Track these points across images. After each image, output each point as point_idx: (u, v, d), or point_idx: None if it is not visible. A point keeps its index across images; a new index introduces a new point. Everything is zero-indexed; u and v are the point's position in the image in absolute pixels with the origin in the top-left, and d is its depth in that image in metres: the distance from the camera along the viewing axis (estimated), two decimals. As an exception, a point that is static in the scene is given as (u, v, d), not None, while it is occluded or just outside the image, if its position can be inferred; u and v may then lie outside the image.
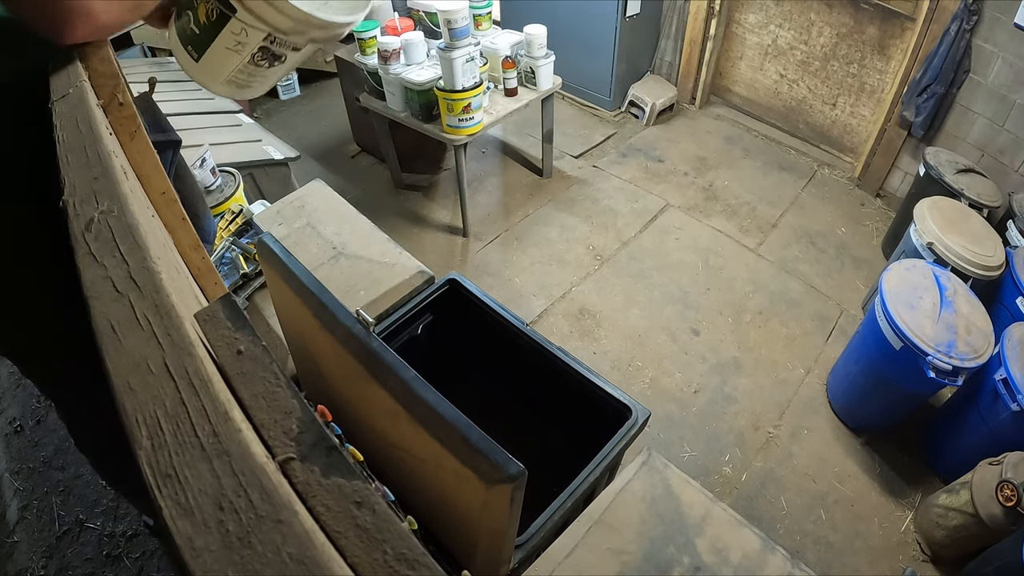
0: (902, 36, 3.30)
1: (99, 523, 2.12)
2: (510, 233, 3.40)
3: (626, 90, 4.34)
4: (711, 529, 1.26)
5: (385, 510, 0.43)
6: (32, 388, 2.60)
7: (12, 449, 2.39)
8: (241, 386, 0.52)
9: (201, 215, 1.64)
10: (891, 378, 2.20)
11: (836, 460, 2.40)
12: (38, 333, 1.17)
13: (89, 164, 0.67)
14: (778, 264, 3.24)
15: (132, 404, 0.45)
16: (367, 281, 1.84)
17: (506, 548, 0.92)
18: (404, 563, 0.40)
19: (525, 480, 0.73)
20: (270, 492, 0.40)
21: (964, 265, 2.41)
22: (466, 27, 2.74)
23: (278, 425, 0.49)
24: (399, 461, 0.95)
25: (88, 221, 0.60)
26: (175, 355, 0.49)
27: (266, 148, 3.03)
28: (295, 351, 1.34)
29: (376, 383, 0.83)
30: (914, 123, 3.17)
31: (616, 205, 3.59)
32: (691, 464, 2.38)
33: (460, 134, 2.93)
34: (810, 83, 3.90)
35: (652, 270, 3.19)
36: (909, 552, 2.14)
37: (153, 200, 1.02)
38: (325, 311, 0.89)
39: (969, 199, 2.75)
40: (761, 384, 2.67)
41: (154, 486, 0.40)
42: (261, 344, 0.56)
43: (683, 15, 4.08)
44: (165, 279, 0.56)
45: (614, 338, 2.84)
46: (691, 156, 4.01)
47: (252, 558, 0.37)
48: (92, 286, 0.55)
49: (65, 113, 0.74)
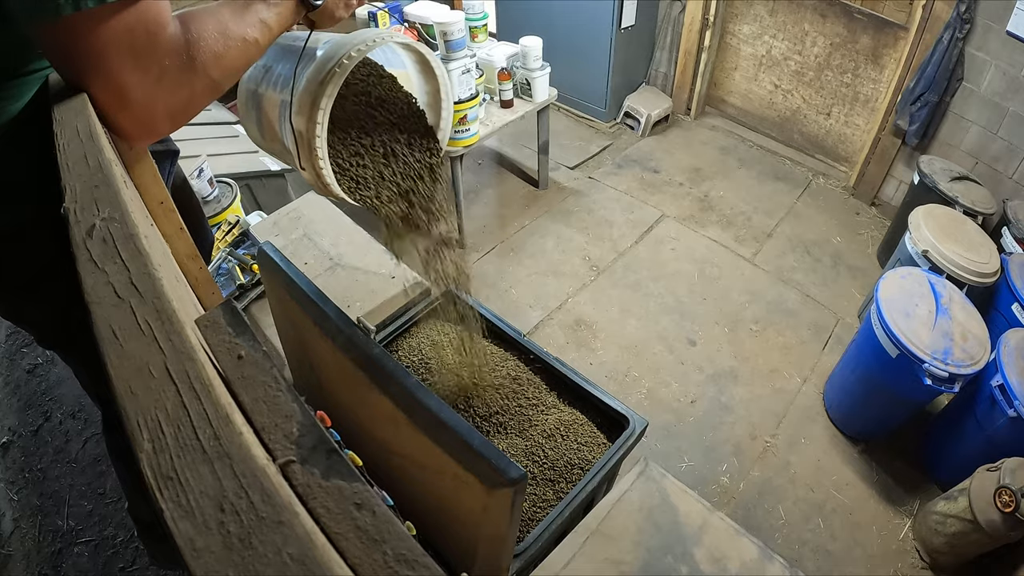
0: (895, 45, 3.33)
1: (94, 533, 2.11)
2: (506, 244, 3.41)
3: (621, 101, 4.37)
4: (709, 539, 1.26)
5: (385, 511, 0.44)
6: (27, 398, 2.59)
7: (7, 460, 2.38)
8: (242, 390, 0.52)
9: (199, 226, 1.65)
10: (888, 386, 2.21)
11: (834, 469, 2.40)
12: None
13: (90, 172, 0.68)
14: (774, 274, 3.25)
15: (133, 408, 0.45)
16: (364, 292, 1.84)
17: (505, 555, 0.92)
18: (404, 564, 0.40)
19: (526, 484, 0.74)
20: (271, 494, 0.40)
21: (959, 272, 2.42)
22: (462, 39, 2.75)
23: (278, 428, 0.49)
24: (398, 468, 0.95)
25: (89, 228, 0.61)
26: (176, 360, 0.49)
27: (263, 159, 3.04)
28: (292, 360, 1.34)
29: (377, 389, 0.83)
30: (908, 132, 3.19)
31: (612, 216, 3.61)
32: (688, 474, 2.37)
33: (456, 145, 2.94)
34: (804, 93, 3.93)
35: (648, 281, 3.19)
36: (908, 560, 2.14)
37: (151, 210, 1.02)
38: (326, 318, 0.89)
39: (964, 207, 2.76)
40: (758, 394, 2.67)
41: (155, 488, 0.40)
42: (261, 349, 0.56)
43: (678, 26, 4.11)
44: (166, 285, 0.56)
45: (610, 349, 2.84)
46: (686, 167, 4.03)
47: (253, 559, 0.37)
48: (93, 291, 0.55)
49: (66, 121, 0.75)
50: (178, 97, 0.84)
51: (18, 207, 0.99)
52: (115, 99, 0.79)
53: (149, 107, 0.82)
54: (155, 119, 0.84)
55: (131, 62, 0.77)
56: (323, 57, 1.03)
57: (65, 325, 1.09)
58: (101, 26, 0.73)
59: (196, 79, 0.85)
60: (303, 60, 1.05)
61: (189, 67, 0.83)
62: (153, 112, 0.83)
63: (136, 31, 0.76)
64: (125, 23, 0.75)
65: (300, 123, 1.03)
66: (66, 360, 1.55)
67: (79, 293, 0.56)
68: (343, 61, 1.01)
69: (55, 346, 1.37)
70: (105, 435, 1.71)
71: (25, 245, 1.02)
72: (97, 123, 0.76)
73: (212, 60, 0.85)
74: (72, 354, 1.35)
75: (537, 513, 1.45)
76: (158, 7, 0.78)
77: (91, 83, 0.78)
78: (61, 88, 0.83)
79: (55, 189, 0.68)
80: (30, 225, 0.99)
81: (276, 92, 1.10)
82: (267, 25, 0.91)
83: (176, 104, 0.85)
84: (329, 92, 1.01)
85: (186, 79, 0.83)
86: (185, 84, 0.84)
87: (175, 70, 0.82)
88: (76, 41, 0.74)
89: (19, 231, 1.00)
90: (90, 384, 1.49)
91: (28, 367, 2.74)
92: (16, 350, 2.83)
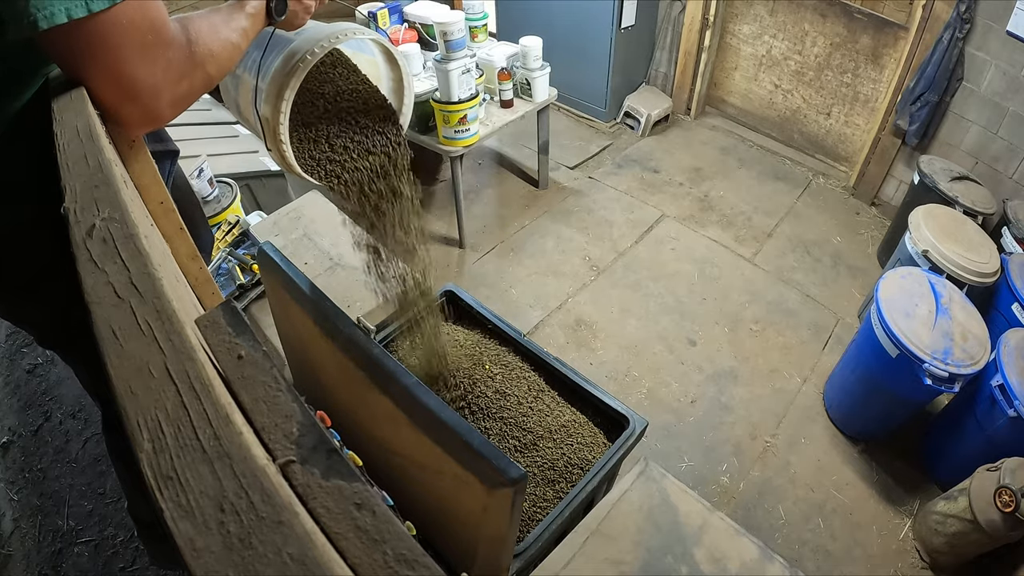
0: (895, 45, 3.33)
1: (94, 533, 2.11)
2: (506, 244, 3.41)
3: (621, 101, 4.37)
4: (709, 538, 1.26)
5: (385, 511, 0.44)
6: (27, 398, 2.59)
7: (7, 460, 2.38)
8: (242, 390, 0.52)
9: (198, 225, 1.65)
10: (888, 386, 2.21)
11: (834, 468, 2.40)
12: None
13: (90, 172, 0.68)
14: (774, 274, 3.25)
15: (133, 408, 0.45)
16: (363, 292, 1.84)
17: (505, 555, 0.92)
18: (404, 564, 0.40)
19: (526, 484, 0.74)
20: (271, 494, 0.40)
21: (959, 272, 2.42)
22: (462, 39, 2.75)
23: (278, 428, 0.49)
24: (398, 468, 0.95)
25: (89, 228, 0.61)
26: (176, 359, 0.49)
27: (263, 159, 3.04)
28: (292, 361, 1.34)
29: (377, 389, 0.83)
30: (908, 132, 3.19)
31: (612, 216, 3.61)
32: (688, 474, 2.37)
33: (456, 145, 2.94)
34: (804, 93, 3.93)
35: (648, 280, 3.19)
36: (908, 560, 2.14)
37: (151, 210, 1.02)
38: (326, 319, 0.89)
39: (964, 206, 2.76)
40: (758, 394, 2.67)
41: (155, 488, 0.40)
42: (261, 349, 0.56)
43: (678, 26, 4.11)
44: (166, 285, 0.56)
45: (611, 349, 2.84)
46: (686, 167, 4.03)
47: (253, 559, 0.37)
48: (93, 291, 0.55)
49: (66, 122, 0.75)
50: (180, 88, 0.91)
51: (18, 207, 0.99)
52: (124, 92, 0.85)
53: (156, 97, 0.88)
54: (160, 108, 0.90)
55: (140, 56, 0.83)
56: (289, 51, 1.12)
57: (65, 325, 1.09)
58: (111, 25, 0.79)
59: (196, 72, 0.93)
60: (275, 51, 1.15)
61: (190, 60, 0.92)
62: (159, 102, 0.89)
63: (143, 28, 0.82)
64: (133, 21, 0.81)
65: (267, 111, 1.14)
66: (66, 360, 1.55)
67: (79, 293, 0.56)
68: (307, 56, 1.11)
69: (55, 346, 1.38)
70: (105, 435, 1.71)
71: (25, 245, 1.03)
72: (97, 123, 0.76)
73: (208, 56, 0.94)
74: (72, 354, 1.36)
75: (537, 513, 1.45)
76: (158, 6, 0.84)
77: (100, 78, 0.83)
78: (61, 88, 0.84)
79: (55, 189, 0.68)
80: (30, 225, 0.99)
81: (251, 77, 1.18)
82: (246, 32, 1.03)
83: (178, 94, 0.92)
84: (292, 84, 1.10)
85: (187, 70, 0.92)
86: (186, 75, 0.92)
87: (178, 62, 0.89)
88: (86, 40, 0.78)
89: (19, 231, 1.00)
90: (90, 384, 1.49)
91: (28, 367, 2.74)
92: (16, 350, 2.83)
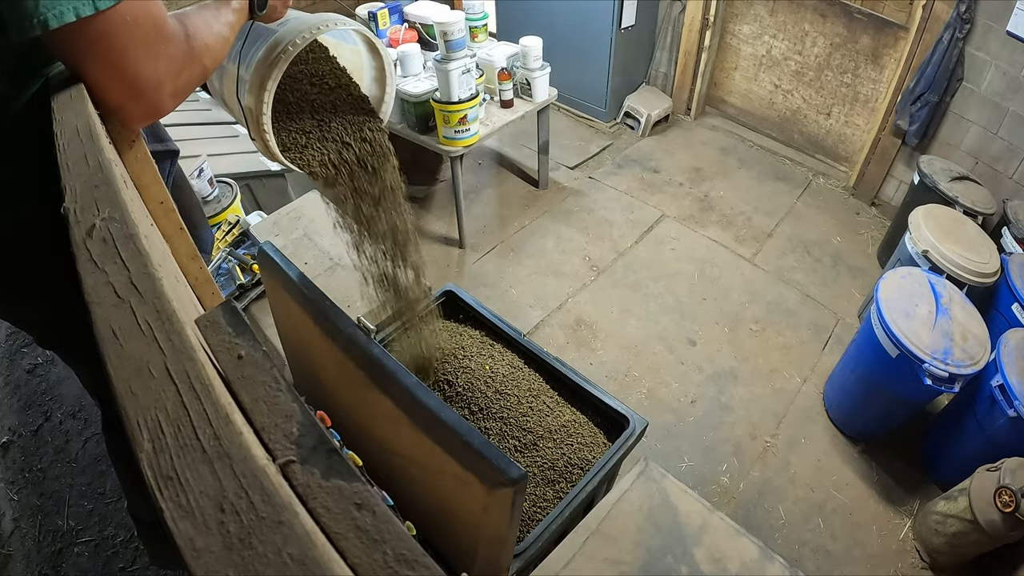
0: (895, 45, 3.33)
1: (94, 533, 2.11)
2: (506, 244, 3.41)
3: (621, 101, 4.37)
4: (709, 538, 1.26)
5: (385, 511, 0.43)
6: (27, 398, 2.59)
7: (7, 460, 2.38)
8: (242, 390, 0.52)
9: (199, 225, 1.65)
10: (888, 386, 2.21)
11: (834, 469, 2.40)
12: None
13: (90, 172, 0.67)
14: (774, 274, 3.25)
15: (133, 408, 0.45)
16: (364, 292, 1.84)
17: (505, 555, 0.92)
18: (404, 564, 0.40)
19: (526, 484, 0.74)
20: (271, 494, 0.40)
21: (959, 272, 2.42)
22: (462, 39, 2.75)
23: (278, 428, 0.49)
24: (398, 468, 0.95)
25: (89, 228, 0.61)
26: (176, 359, 0.49)
27: (263, 159, 3.03)
28: (292, 361, 1.34)
29: (377, 389, 0.83)
30: (908, 132, 3.19)
31: (612, 216, 3.61)
32: (688, 474, 2.37)
33: (456, 145, 2.94)
34: (804, 93, 3.93)
35: (648, 281, 3.19)
36: (908, 560, 2.14)
37: (151, 210, 1.02)
38: (326, 318, 0.89)
39: (964, 207, 2.76)
40: (758, 394, 2.67)
41: (155, 488, 0.40)
42: (261, 349, 0.56)
43: (678, 26, 4.11)
44: (166, 285, 0.56)
45: (611, 349, 2.84)
46: (687, 167, 4.03)
47: (253, 559, 0.37)
48: (93, 291, 0.55)
49: (66, 121, 0.75)
50: (180, 80, 0.95)
51: (18, 207, 0.99)
52: (129, 86, 0.87)
53: (159, 90, 0.91)
54: (163, 101, 0.93)
55: (143, 51, 0.86)
56: (272, 42, 1.14)
57: (65, 325, 1.10)
58: (116, 22, 0.81)
59: (194, 65, 0.97)
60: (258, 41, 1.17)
61: (189, 54, 0.95)
62: (161, 95, 0.92)
63: (146, 24, 0.85)
64: (136, 18, 0.83)
65: (250, 101, 1.16)
66: (66, 360, 1.55)
67: (79, 293, 0.56)
68: (288, 48, 1.13)
69: (55, 346, 1.38)
70: (105, 435, 1.71)
71: (25, 245, 1.03)
72: (97, 122, 0.76)
73: (204, 49, 0.99)
74: (72, 354, 1.36)
75: (537, 513, 1.45)
76: (158, 3, 0.88)
77: (105, 73, 0.85)
78: (61, 88, 0.84)
79: (55, 189, 0.68)
80: (30, 225, 0.99)
81: (233, 65, 1.20)
82: (233, 27, 1.07)
83: (179, 87, 0.95)
84: (275, 75, 1.13)
85: (186, 64, 0.95)
86: (186, 68, 0.95)
87: (179, 56, 0.93)
88: (92, 38, 0.80)
89: (19, 231, 1.00)
90: (90, 384, 1.50)
91: (28, 367, 2.74)
92: (16, 350, 2.83)
